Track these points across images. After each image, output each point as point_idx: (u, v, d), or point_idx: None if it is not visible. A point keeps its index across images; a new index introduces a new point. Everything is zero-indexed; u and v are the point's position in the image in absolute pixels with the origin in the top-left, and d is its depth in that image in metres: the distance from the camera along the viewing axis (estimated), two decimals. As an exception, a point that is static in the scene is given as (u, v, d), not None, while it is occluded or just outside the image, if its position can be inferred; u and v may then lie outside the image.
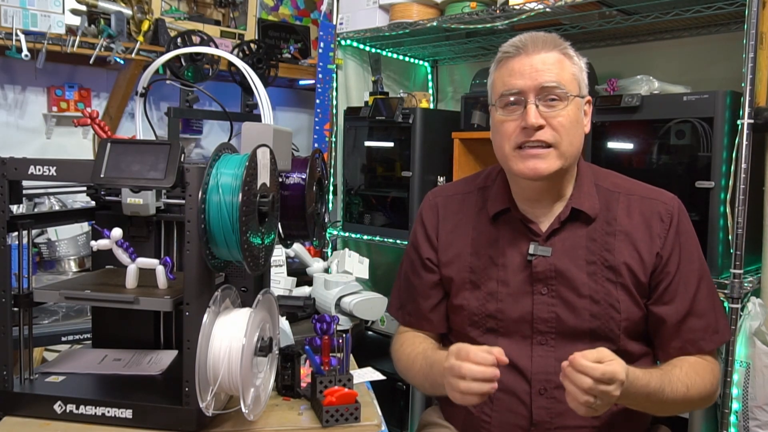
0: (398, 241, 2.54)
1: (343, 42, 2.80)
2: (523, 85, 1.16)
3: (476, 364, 1.04)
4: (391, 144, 2.61)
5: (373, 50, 2.91)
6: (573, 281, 1.20)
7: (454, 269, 1.29)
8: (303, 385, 1.29)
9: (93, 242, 1.15)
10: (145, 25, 2.51)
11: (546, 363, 1.20)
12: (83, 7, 2.42)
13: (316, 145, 2.78)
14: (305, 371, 1.33)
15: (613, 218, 1.22)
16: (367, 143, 2.68)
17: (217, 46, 2.48)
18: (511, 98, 1.18)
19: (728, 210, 1.71)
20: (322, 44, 2.77)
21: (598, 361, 1.00)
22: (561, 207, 1.24)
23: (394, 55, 2.98)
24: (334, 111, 2.83)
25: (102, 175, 1.06)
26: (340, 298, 1.99)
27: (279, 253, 2.03)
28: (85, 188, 1.37)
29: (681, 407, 1.20)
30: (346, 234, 2.74)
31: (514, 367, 1.20)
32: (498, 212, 1.27)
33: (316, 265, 2.20)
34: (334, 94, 2.82)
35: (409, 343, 1.34)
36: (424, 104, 2.62)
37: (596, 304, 1.19)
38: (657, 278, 1.20)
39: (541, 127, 1.15)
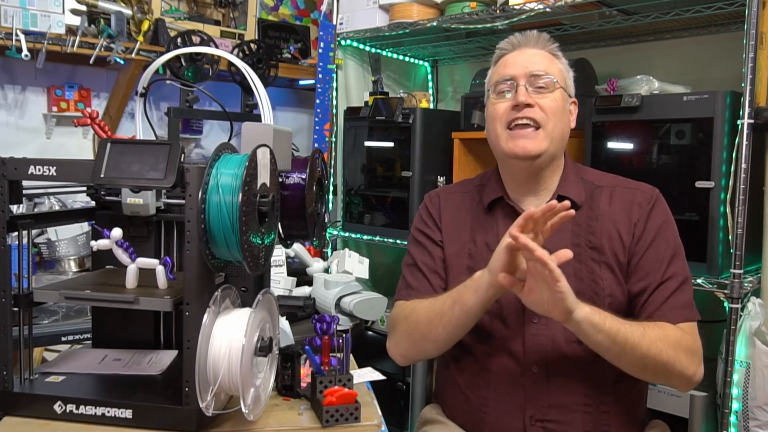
0: (398, 241, 2.54)
1: (343, 42, 2.80)
2: (515, 72, 1.29)
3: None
4: (391, 144, 2.61)
5: (373, 50, 2.90)
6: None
7: (454, 254, 1.36)
8: (303, 385, 1.29)
9: (93, 242, 1.15)
10: (145, 25, 2.51)
11: (538, 342, 1.25)
12: (83, 7, 2.42)
13: (316, 145, 2.78)
14: (305, 371, 1.33)
15: (596, 206, 1.32)
16: (367, 143, 2.67)
17: (217, 46, 2.48)
18: (504, 84, 1.30)
19: (728, 210, 1.71)
20: (322, 44, 2.77)
21: None
22: (549, 196, 1.32)
23: (394, 55, 2.98)
24: (334, 111, 2.83)
25: (102, 175, 1.06)
26: (340, 298, 1.99)
27: (279, 253, 2.03)
28: (85, 188, 1.37)
29: (639, 353, 1.14)
30: (346, 234, 2.74)
31: (507, 350, 1.27)
32: (492, 202, 1.36)
33: (316, 265, 2.20)
34: (334, 94, 2.82)
35: (420, 302, 1.32)
36: (424, 104, 2.62)
37: (581, 281, 1.25)
38: (631, 253, 1.27)
39: (529, 106, 1.26)
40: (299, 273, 2.17)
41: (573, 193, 1.31)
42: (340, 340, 1.29)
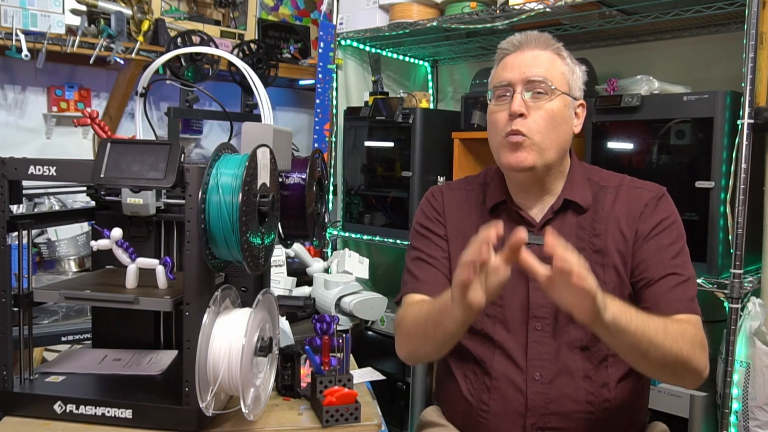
0: (398, 241, 2.54)
1: (343, 42, 2.80)
2: (512, 77, 1.24)
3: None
4: (391, 144, 2.61)
5: (373, 50, 2.90)
6: None
7: (458, 253, 1.28)
8: (303, 385, 1.29)
9: (93, 242, 1.15)
10: (145, 25, 2.51)
11: (541, 349, 1.23)
12: (83, 7, 2.41)
13: (316, 145, 2.78)
14: (305, 371, 1.33)
15: (600, 207, 1.29)
16: (367, 143, 2.68)
17: (217, 46, 2.48)
18: (501, 89, 1.25)
19: (728, 210, 1.71)
20: (322, 44, 2.77)
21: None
22: (553, 200, 1.29)
23: (394, 55, 2.98)
24: (334, 111, 2.83)
25: (102, 175, 1.06)
26: (340, 298, 1.99)
27: (279, 253, 2.04)
28: (85, 188, 1.38)
29: (661, 353, 1.08)
30: (346, 234, 2.74)
31: (509, 356, 1.25)
32: (495, 204, 1.33)
33: (316, 265, 2.20)
34: (334, 94, 2.83)
35: (410, 311, 1.29)
36: (424, 104, 2.62)
37: None
38: (634, 248, 1.24)
39: (522, 116, 1.21)
40: (299, 273, 2.17)
41: (579, 197, 1.28)
42: (340, 340, 1.29)
